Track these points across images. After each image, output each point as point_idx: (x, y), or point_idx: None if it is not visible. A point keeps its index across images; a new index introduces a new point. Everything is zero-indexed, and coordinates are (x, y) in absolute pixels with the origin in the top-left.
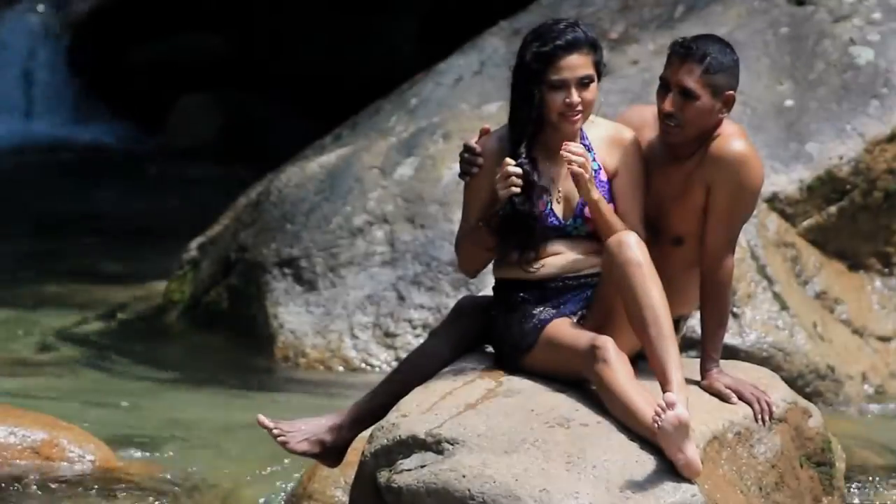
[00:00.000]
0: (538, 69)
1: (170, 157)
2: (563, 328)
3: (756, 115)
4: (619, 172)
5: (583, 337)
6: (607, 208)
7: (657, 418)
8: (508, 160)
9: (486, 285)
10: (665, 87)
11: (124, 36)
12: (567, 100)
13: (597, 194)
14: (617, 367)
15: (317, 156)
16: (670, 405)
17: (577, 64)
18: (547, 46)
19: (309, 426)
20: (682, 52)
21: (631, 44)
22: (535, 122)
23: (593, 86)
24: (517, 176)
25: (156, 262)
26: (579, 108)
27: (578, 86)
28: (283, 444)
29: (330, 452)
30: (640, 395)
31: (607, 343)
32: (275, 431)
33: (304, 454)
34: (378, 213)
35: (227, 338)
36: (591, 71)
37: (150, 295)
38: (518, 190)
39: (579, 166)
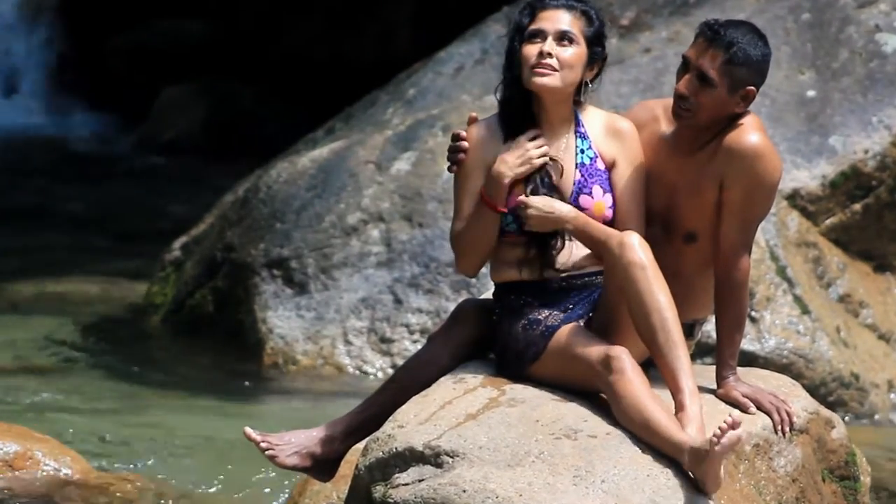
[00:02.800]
0: (521, 23)
1: (151, 150)
2: (574, 336)
3: (776, 107)
4: (617, 163)
5: (595, 346)
6: (584, 219)
7: (718, 434)
8: (524, 142)
9: (488, 288)
10: (686, 66)
11: (102, 22)
12: (541, 48)
13: (570, 213)
14: (633, 379)
15: (308, 150)
16: (736, 425)
17: (559, 18)
18: (535, 1)
19: (299, 438)
20: (710, 35)
21: (643, 31)
22: (520, 89)
23: (575, 49)
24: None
25: (136, 262)
26: (552, 61)
27: (556, 39)
28: (272, 458)
29: (321, 466)
30: (660, 407)
31: (622, 353)
32: (262, 445)
33: (293, 468)
34: (373, 210)
35: (213, 343)
36: (574, 30)
37: (130, 298)
38: (542, 161)
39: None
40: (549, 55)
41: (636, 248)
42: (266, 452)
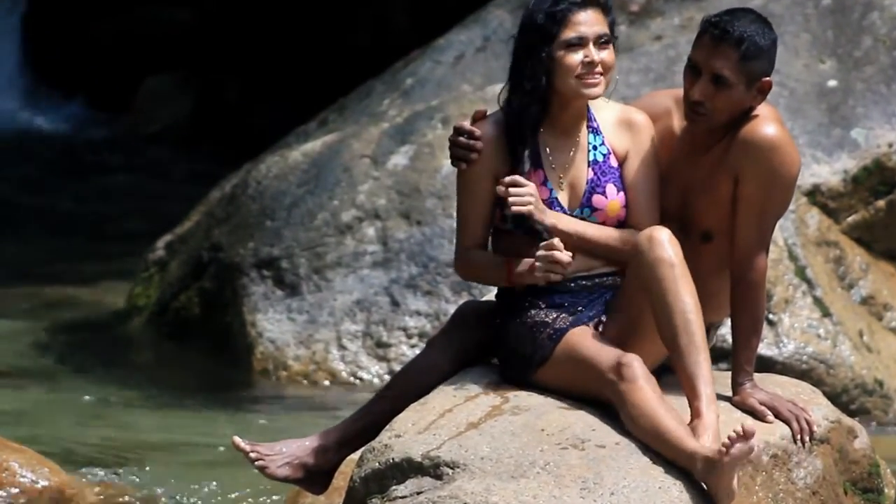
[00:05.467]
0: (551, 30)
1: (134, 144)
2: (584, 340)
3: (795, 98)
4: (630, 158)
5: (606, 352)
6: (587, 228)
7: (727, 444)
8: (512, 180)
9: (490, 289)
10: (694, 69)
11: (84, 8)
12: (587, 58)
13: (570, 224)
14: (644, 387)
15: (300, 143)
16: (749, 435)
17: (595, 20)
18: (561, 3)
19: (291, 448)
20: (717, 35)
21: (654, 17)
22: (542, 98)
23: (611, 48)
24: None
25: (118, 262)
26: (599, 68)
27: (596, 44)
28: (262, 469)
29: (314, 478)
30: (672, 416)
31: (634, 361)
32: (252, 455)
33: (285, 480)
34: (369, 207)
35: (199, 348)
36: (608, 30)
37: (111, 299)
38: (526, 209)
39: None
40: (599, 62)
41: (666, 244)
42: (256, 463)
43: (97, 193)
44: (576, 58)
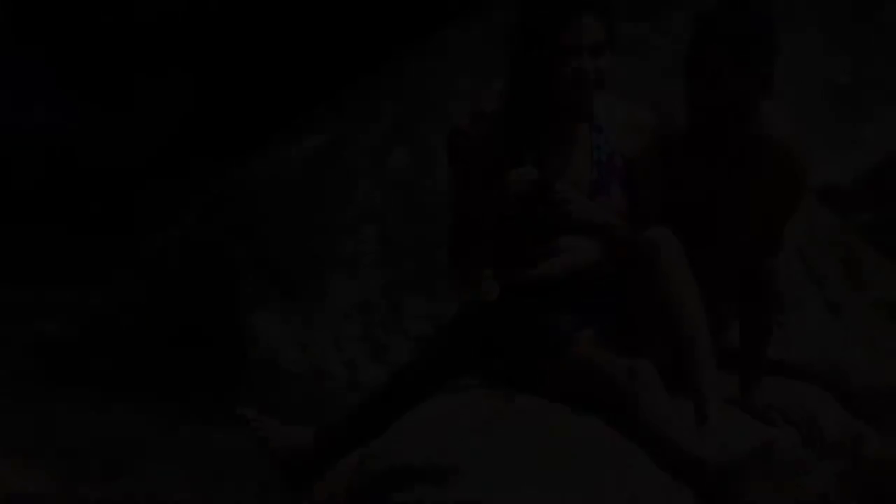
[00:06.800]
0: (544, 33)
1: (130, 141)
2: (592, 344)
3: (806, 94)
4: (637, 159)
5: (618, 356)
6: (600, 215)
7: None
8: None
9: None
10: (690, 69)
11: (81, 4)
12: (578, 66)
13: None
14: (656, 393)
15: (298, 142)
16: (769, 446)
17: (590, 27)
18: (554, 6)
19: (293, 434)
20: (708, 32)
21: (661, 11)
22: (539, 98)
23: (607, 53)
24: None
25: (111, 262)
26: (591, 76)
27: (590, 52)
28: (263, 440)
29: (298, 474)
30: (681, 422)
31: (648, 366)
32: (254, 423)
33: (273, 456)
34: (367, 207)
35: (193, 351)
36: (603, 37)
37: (104, 300)
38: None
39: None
40: (590, 72)
41: (668, 245)
42: (258, 433)
43: (91, 192)
44: (567, 66)
